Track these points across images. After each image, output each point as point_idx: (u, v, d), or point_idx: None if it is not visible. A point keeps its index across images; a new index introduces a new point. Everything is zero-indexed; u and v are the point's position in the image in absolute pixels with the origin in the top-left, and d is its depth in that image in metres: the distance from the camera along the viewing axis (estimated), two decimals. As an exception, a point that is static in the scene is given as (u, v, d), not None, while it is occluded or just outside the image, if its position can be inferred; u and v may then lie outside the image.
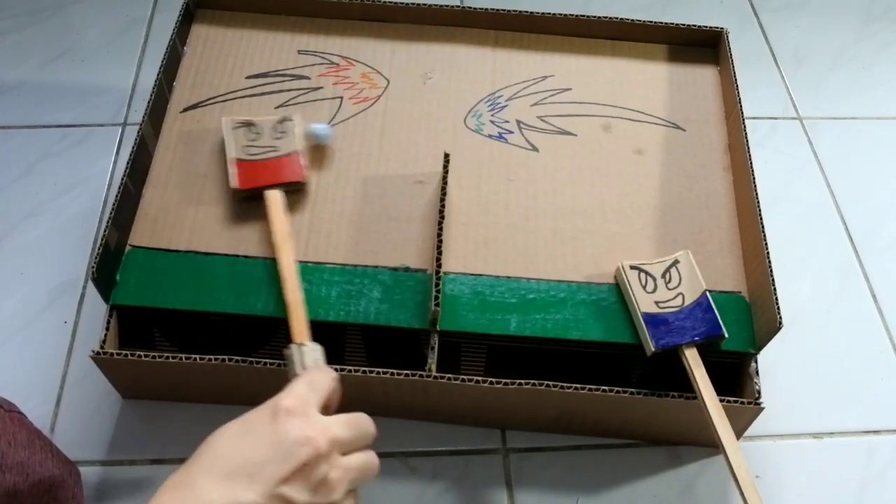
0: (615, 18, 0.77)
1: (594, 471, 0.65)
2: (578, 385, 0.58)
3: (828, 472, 0.66)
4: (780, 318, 0.58)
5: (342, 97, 0.73)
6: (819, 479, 0.65)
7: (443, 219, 0.61)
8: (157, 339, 0.64)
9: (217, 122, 0.70)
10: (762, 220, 0.63)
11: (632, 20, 0.77)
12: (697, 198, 0.69)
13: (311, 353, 0.54)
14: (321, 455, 0.42)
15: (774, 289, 0.59)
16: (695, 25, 0.78)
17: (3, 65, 0.89)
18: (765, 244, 0.62)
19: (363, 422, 0.46)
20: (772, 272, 0.60)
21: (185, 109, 0.71)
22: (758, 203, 0.64)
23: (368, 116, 0.72)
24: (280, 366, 0.57)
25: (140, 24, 0.94)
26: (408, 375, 0.58)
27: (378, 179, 0.68)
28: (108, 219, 0.61)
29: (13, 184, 0.80)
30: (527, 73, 0.76)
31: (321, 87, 0.74)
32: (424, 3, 0.78)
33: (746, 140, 0.68)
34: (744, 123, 0.70)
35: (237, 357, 0.58)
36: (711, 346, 0.60)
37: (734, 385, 0.63)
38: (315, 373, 0.49)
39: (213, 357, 0.58)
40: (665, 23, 0.78)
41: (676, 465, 0.65)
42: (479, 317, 0.61)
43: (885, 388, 0.71)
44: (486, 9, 0.78)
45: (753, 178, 0.65)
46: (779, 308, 0.58)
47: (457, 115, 0.73)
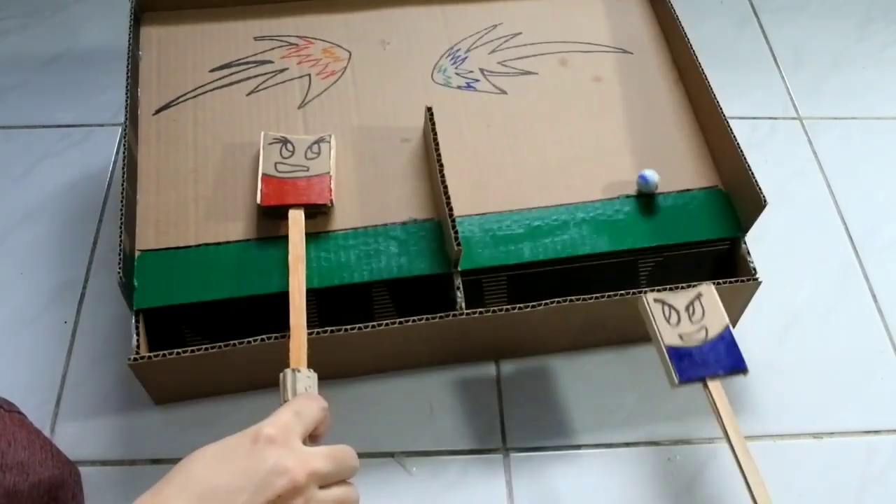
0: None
1: (594, 471, 0.65)
2: (598, 294, 0.63)
3: (828, 472, 0.66)
4: (764, 197, 0.64)
5: (309, 74, 0.75)
6: (819, 479, 0.65)
7: (442, 165, 0.64)
8: (188, 336, 0.65)
9: (192, 118, 0.71)
10: (726, 118, 0.69)
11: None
12: (658, 111, 0.75)
13: (304, 381, 0.52)
14: (298, 487, 0.42)
15: (752, 173, 0.65)
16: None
17: (3, 65, 0.89)
18: (732, 137, 0.67)
19: (346, 455, 0.46)
20: (745, 159, 0.66)
21: (158, 111, 0.72)
22: (717, 104, 0.70)
23: (340, 87, 0.75)
24: (316, 333, 0.59)
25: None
26: (441, 317, 0.61)
27: (365, 144, 0.71)
28: (120, 226, 0.61)
29: (13, 184, 0.80)
30: (477, 25, 0.80)
31: (287, 69, 0.75)
32: (368, -27, 0.80)
33: (693, 51, 0.74)
34: (686, 37, 0.75)
35: (275, 334, 0.59)
36: (688, 219, 0.67)
37: (731, 271, 0.69)
38: (304, 400, 0.48)
39: (251, 339, 0.59)
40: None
41: (676, 466, 0.65)
42: (494, 251, 0.66)
43: (885, 388, 0.71)
44: None
45: (709, 85, 0.71)
46: (759, 189, 0.64)
47: (423, 73, 0.76)
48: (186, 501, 0.40)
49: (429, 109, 0.69)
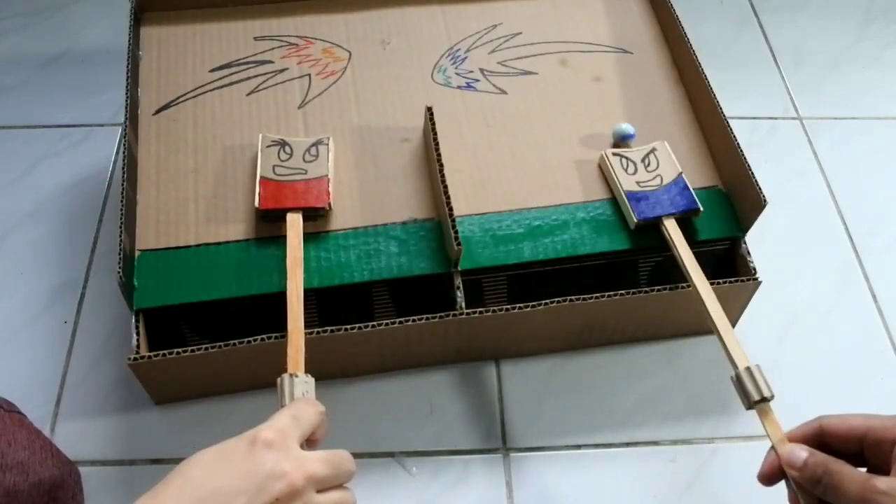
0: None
1: (594, 471, 0.65)
2: (598, 294, 0.63)
3: (828, 472, 0.66)
4: (764, 197, 0.64)
5: (309, 74, 0.75)
6: (819, 479, 0.65)
7: (442, 165, 0.64)
8: (188, 335, 0.65)
9: (192, 118, 0.71)
10: (726, 118, 0.69)
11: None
12: (658, 111, 0.75)
13: (302, 385, 0.52)
14: (295, 491, 0.42)
15: (752, 173, 0.65)
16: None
17: (3, 65, 0.89)
18: (732, 137, 0.68)
19: (343, 459, 0.46)
20: (745, 159, 0.66)
21: (158, 111, 0.72)
22: (717, 104, 0.70)
23: (340, 88, 0.75)
24: (316, 333, 0.59)
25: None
26: (441, 317, 0.61)
27: (366, 144, 0.71)
28: (120, 225, 0.61)
29: (13, 184, 0.80)
30: (477, 25, 0.80)
31: (287, 69, 0.75)
32: (368, -27, 0.81)
33: (693, 51, 0.74)
34: (686, 37, 0.75)
35: (275, 334, 0.59)
36: (689, 222, 0.67)
37: (731, 271, 0.69)
38: (301, 405, 0.48)
39: (251, 339, 0.59)
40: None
41: (676, 465, 0.65)
42: (494, 251, 0.66)
43: (885, 388, 0.71)
44: None
45: (709, 84, 0.72)
46: (759, 189, 0.64)
47: (423, 73, 0.76)
48: None
49: (429, 109, 0.69)
